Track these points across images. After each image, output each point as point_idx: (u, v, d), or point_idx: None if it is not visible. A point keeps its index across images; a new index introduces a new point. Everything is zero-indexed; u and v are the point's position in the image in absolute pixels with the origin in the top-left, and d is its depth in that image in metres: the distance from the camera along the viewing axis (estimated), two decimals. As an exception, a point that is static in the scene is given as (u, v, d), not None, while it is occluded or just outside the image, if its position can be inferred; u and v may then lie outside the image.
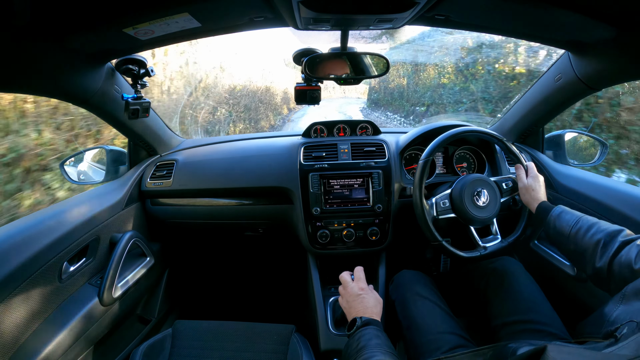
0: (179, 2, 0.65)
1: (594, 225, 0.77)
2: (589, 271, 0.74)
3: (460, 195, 0.98)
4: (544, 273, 1.11)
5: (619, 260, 0.67)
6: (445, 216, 1.00)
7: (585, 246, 0.75)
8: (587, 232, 0.76)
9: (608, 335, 0.49)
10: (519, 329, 0.82)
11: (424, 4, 0.66)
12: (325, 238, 1.17)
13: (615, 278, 0.67)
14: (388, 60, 0.94)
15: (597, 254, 0.72)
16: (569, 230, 0.80)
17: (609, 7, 0.66)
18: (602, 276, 0.70)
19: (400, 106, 7.13)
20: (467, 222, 0.99)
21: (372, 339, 0.66)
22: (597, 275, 0.72)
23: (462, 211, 0.97)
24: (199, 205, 1.30)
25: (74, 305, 0.90)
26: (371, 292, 0.82)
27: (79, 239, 0.94)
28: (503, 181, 1.03)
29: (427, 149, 1.02)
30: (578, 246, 0.77)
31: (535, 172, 0.98)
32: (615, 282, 0.67)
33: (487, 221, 0.99)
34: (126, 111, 1.00)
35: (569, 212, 0.84)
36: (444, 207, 1.00)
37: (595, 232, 0.75)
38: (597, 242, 0.73)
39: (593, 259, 0.73)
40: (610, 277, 0.69)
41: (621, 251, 0.68)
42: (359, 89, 11.47)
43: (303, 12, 0.69)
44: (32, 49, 0.66)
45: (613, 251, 0.69)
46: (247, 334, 0.96)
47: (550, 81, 1.07)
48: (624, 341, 0.42)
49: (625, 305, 0.54)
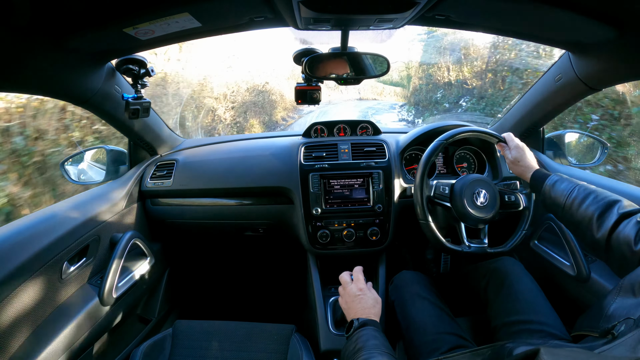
0: (179, 2, 0.65)
1: (590, 194, 0.74)
2: (587, 241, 0.72)
3: (462, 189, 0.98)
4: (544, 273, 1.11)
5: (617, 235, 0.65)
6: (441, 202, 1.01)
7: (581, 217, 0.72)
8: (582, 202, 0.73)
9: (605, 332, 0.49)
10: (519, 329, 0.82)
11: (424, 4, 0.66)
12: (325, 238, 1.17)
13: (614, 252, 0.65)
14: (388, 60, 0.94)
15: (592, 225, 0.69)
16: (564, 201, 0.77)
17: (609, 8, 0.66)
18: (600, 249, 0.68)
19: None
20: (460, 217, 0.99)
21: (370, 339, 0.66)
22: (594, 247, 0.70)
23: (458, 204, 0.97)
24: (199, 205, 1.30)
25: (74, 305, 0.90)
26: (370, 292, 0.82)
27: (79, 238, 0.94)
28: (506, 194, 1.02)
29: (428, 149, 1.02)
30: (574, 217, 0.74)
31: (515, 142, 0.95)
32: (614, 256, 0.66)
33: (479, 221, 0.97)
34: (126, 111, 1.00)
35: (564, 180, 0.81)
36: (442, 193, 1.01)
37: (591, 203, 0.72)
38: (592, 214, 0.70)
39: (590, 231, 0.70)
40: (608, 250, 0.67)
41: (619, 225, 0.65)
42: (377, 89, 11.04)
43: (303, 12, 0.69)
44: (32, 49, 0.66)
45: (611, 224, 0.66)
46: (247, 334, 0.96)
47: (551, 81, 1.07)
48: (621, 339, 0.42)
49: (622, 299, 0.54)
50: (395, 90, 10.45)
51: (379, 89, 11.05)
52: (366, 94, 11.19)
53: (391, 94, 10.49)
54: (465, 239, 0.99)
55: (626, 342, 0.40)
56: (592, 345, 0.48)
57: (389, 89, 10.76)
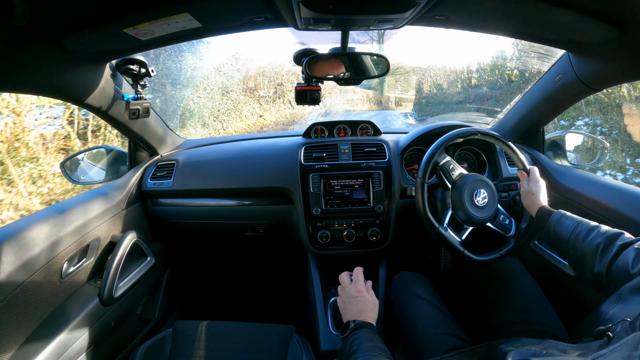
0: (179, 3, 0.65)
1: (593, 229, 0.76)
2: (588, 275, 0.74)
3: (467, 182, 0.98)
4: (544, 273, 1.11)
5: (617, 264, 0.66)
6: (443, 177, 1.01)
7: (585, 251, 0.74)
8: (586, 236, 0.76)
9: (601, 334, 0.48)
10: (519, 329, 0.82)
11: (424, 4, 0.66)
12: (325, 238, 1.17)
13: (613, 281, 0.67)
14: (388, 60, 0.94)
15: (596, 258, 0.71)
16: (568, 235, 0.79)
17: (609, 8, 0.66)
18: (602, 280, 0.70)
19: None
20: (453, 205, 0.99)
21: (365, 342, 0.66)
22: (596, 280, 0.72)
23: (457, 193, 0.98)
24: (200, 206, 1.30)
25: (74, 305, 0.90)
26: (369, 294, 0.82)
27: (80, 239, 0.94)
28: (503, 215, 1.02)
29: (429, 150, 1.02)
30: (578, 251, 0.76)
31: (536, 176, 0.97)
32: (614, 285, 0.67)
33: (469, 217, 0.97)
34: (126, 111, 1.00)
35: (568, 217, 0.83)
36: (450, 171, 1.01)
37: (595, 237, 0.74)
38: (597, 247, 0.72)
39: (592, 264, 0.72)
40: (609, 281, 0.68)
41: (619, 255, 0.67)
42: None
43: (303, 12, 0.69)
44: (32, 49, 0.66)
45: (612, 255, 0.68)
46: (247, 334, 0.96)
47: (551, 82, 1.07)
48: (617, 343, 0.41)
49: (622, 305, 0.54)
50: (367, 93, 10.09)
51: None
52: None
53: (363, 99, 10.01)
54: (445, 223, 0.99)
55: (621, 347, 0.40)
56: (587, 346, 0.48)
57: (361, 93, 10.18)
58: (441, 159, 1.01)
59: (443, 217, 1.00)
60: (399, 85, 9.99)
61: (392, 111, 9.01)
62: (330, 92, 8.25)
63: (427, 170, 0.99)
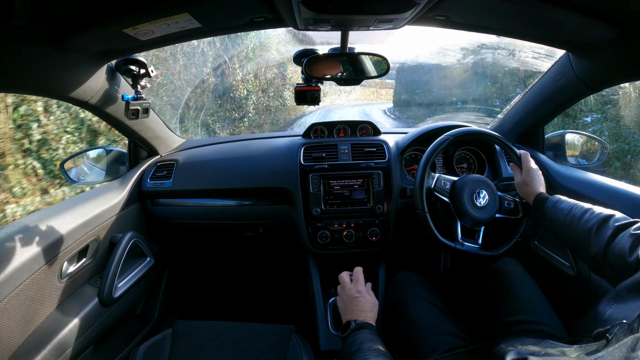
0: (179, 3, 0.65)
1: (587, 211, 0.76)
2: (585, 259, 0.74)
3: (463, 187, 0.98)
4: (544, 273, 1.11)
5: (612, 248, 0.67)
6: (440, 195, 1.00)
7: (580, 234, 0.75)
8: (580, 218, 0.76)
9: (599, 336, 0.49)
10: (518, 329, 0.82)
11: (424, 4, 0.66)
12: (325, 238, 1.17)
13: (611, 266, 0.67)
14: (388, 60, 0.94)
15: (590, 240, 0.72)
16: (563, 219, 0.80)
17: (609, 8, 0.66)
18: (598, 263, 0.70)
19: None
20: (457, 215, 0.98)
21: (365, 342, 0.66)
22: (593, 263, 0.72)
23: (457, 202, 0.97)
24: (199, 206, 1.30)
25: (74, 305, 0.90)
26: (368, 295, 0.82)
27: (79, 239, 0.94)
28: (506, 200, 1.01)
29: (428, 150, 1.02)
30: (573, 234, 0.77)
31: (528, 164, 0.96)
32: (611, 269, 0.67)
33: (476, 220, 0.97)
34: (126, 111, 1.00)
35: (563, 201, 0.83)
36: (442, 187, 1.01)
37: (588, 219, 0.74)
38: (590, 229, 0.72)
39: (587, 247, 0.72)
40: (605, 264, 0.68)
41: (615, 238, 0.67)
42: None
43: (303, 12, 0.69)
44: (32, 49, 0.66)
45: (607, 238, 0.68)
46: (247, 334, 0.96)
47: (551, 82, 1.07)
48: (614, 345, 0.42)
49: (618, 304, 0.54)
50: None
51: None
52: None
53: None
54: (459, 237, 0.99)
55: (619, 349, 0.40)
56: (585, 347, 0.48)
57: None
58: (431, 181, 1.01)
59: (454, 231, 0.99)
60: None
61: (372, 105, 8.99)
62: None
63: (423, 200, 0.98)
